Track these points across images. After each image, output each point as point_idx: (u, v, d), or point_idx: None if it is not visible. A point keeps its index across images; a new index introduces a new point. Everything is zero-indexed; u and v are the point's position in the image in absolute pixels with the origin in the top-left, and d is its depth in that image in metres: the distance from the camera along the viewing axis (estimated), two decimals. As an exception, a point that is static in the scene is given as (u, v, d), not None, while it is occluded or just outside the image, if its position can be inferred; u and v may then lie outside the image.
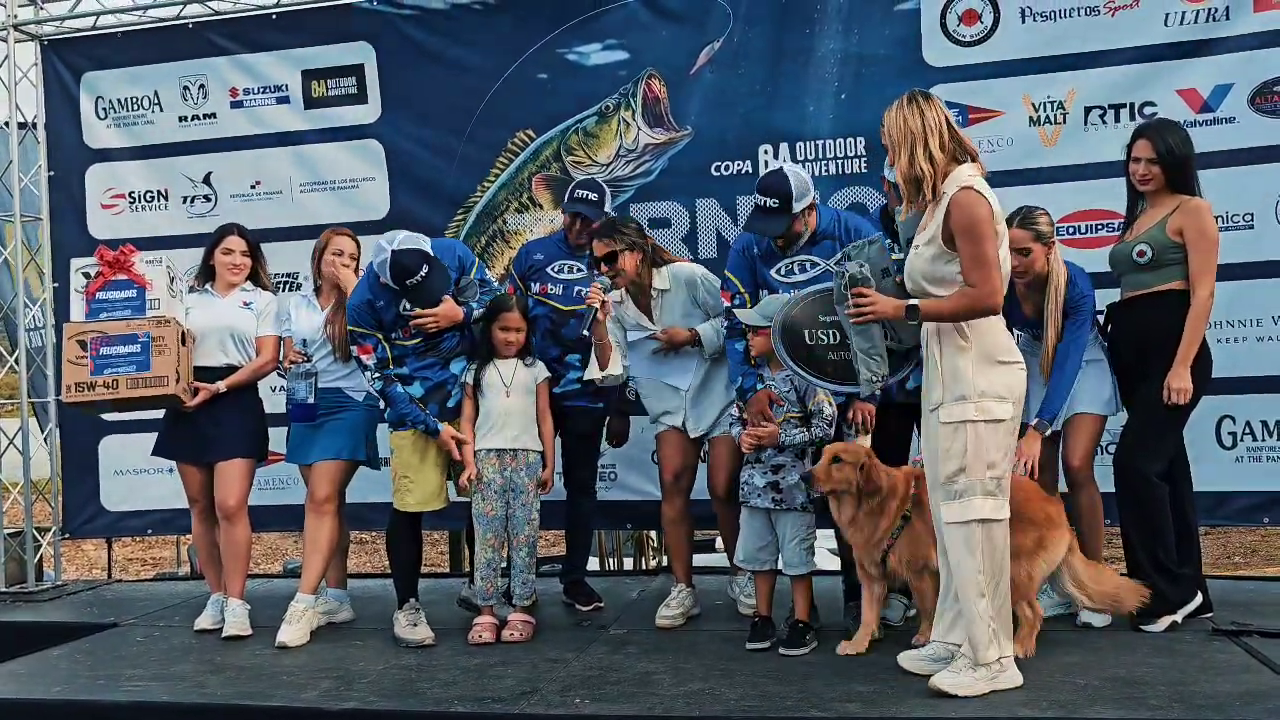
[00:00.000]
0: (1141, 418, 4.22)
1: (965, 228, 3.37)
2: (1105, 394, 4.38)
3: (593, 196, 4.84)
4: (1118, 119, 5.00)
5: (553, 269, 4.89)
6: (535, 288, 4.87)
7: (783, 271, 4.37)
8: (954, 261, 3.43)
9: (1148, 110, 4.95)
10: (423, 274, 4.25)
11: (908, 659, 3.81)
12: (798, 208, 4.20)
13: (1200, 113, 4.92)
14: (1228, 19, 4.90)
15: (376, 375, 4.49)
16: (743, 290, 4.38)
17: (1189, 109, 4.92)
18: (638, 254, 4.56)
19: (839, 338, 3.74)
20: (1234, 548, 12.86)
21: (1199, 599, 4.31)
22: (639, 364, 4.71)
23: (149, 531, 6.51)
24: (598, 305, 4.39)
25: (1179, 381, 4.11)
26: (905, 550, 3.96)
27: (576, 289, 4.82)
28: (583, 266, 4.84)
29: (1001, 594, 3.51)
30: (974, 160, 3.51)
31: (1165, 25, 4.97)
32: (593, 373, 4.56)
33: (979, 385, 3.41)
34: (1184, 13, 4.95)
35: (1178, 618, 4.23)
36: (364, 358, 4.50)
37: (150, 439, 5.10)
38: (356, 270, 4.87)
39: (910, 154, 3.44)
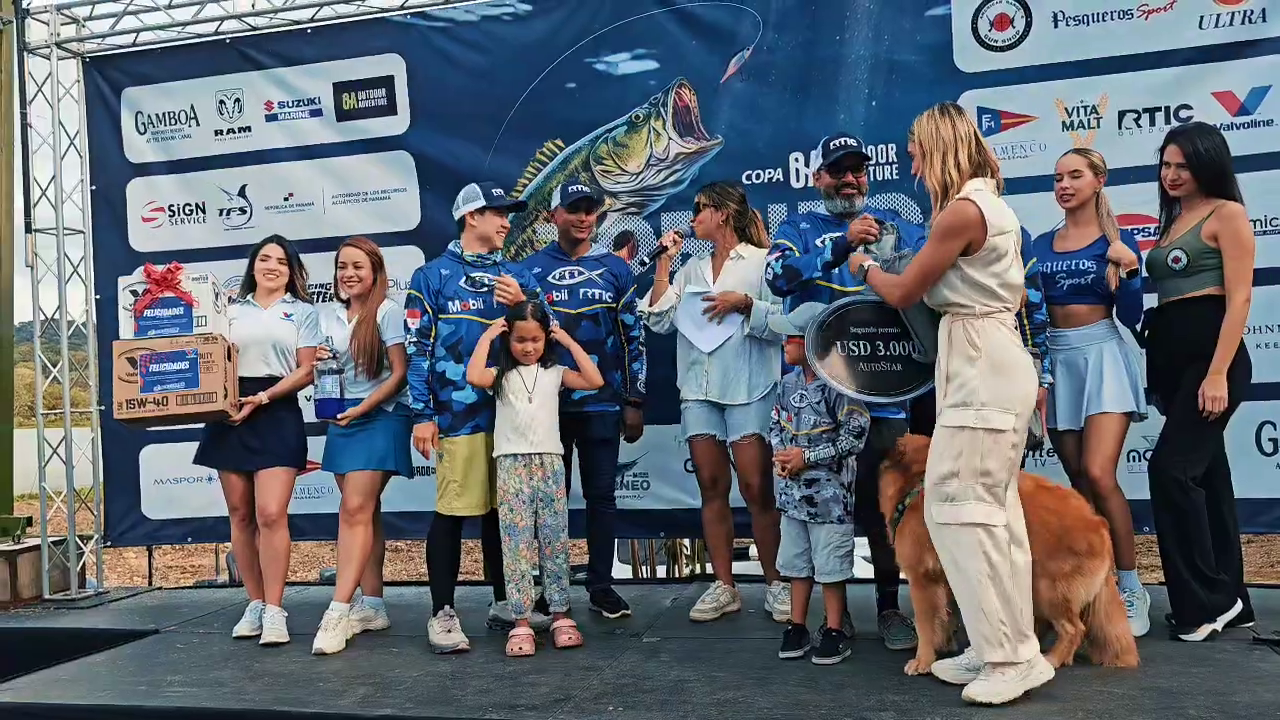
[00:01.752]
0: (1177, 423, 4.17)
1: (933, 229, 3.54)
2: (1127, 391, 4.33)
3: (585, 188, 4.98)
4: (1153, 122, 4.98)
5: (554, 277, 4.96)
6: (600, 294, 4.96)
7: (828, 241, 4.33)
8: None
9: (1183, 114, 4.93)
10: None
11: (942, 668, 3.79)
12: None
13: (1237, 115, 4.88)
14: (1264, 20, 4.86)
15: (414, 340, 4.60)
16: (792, 246, 4.39)
17: (1226, 112, 4.88)
18: (721, 214, 4.80)
19: (869, 349, 3.88)
20: (1276, 556, 12.67)
21: (1239, 606, 4.26)
22: (682, 318, 4.87)
23: (189, 539, 6.60)
24: (669, 244, 4.79)
25: (1214, 390, 4.07)
26: (908, 538, 3.90)
27: (582, 291, 4.92)
28: (583, 269, 4.93)
29: (1012, 597, 3.48)
30: (993, 174, 3.58)
31: (1200, 28, 4.94)
32: (643, 305, 4.91)
33: (983, 395, 3.45)
34: (1218, 15, 4.92)
35: (1217, 626, 4.18)
36: (410, 320, 4.62)
37: (190, 448, 5.17)
38: (375, 276, 4.91)
39: (942, 161, 3.53)
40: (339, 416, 4.76)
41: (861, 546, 4.41)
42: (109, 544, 6.53)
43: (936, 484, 3.54)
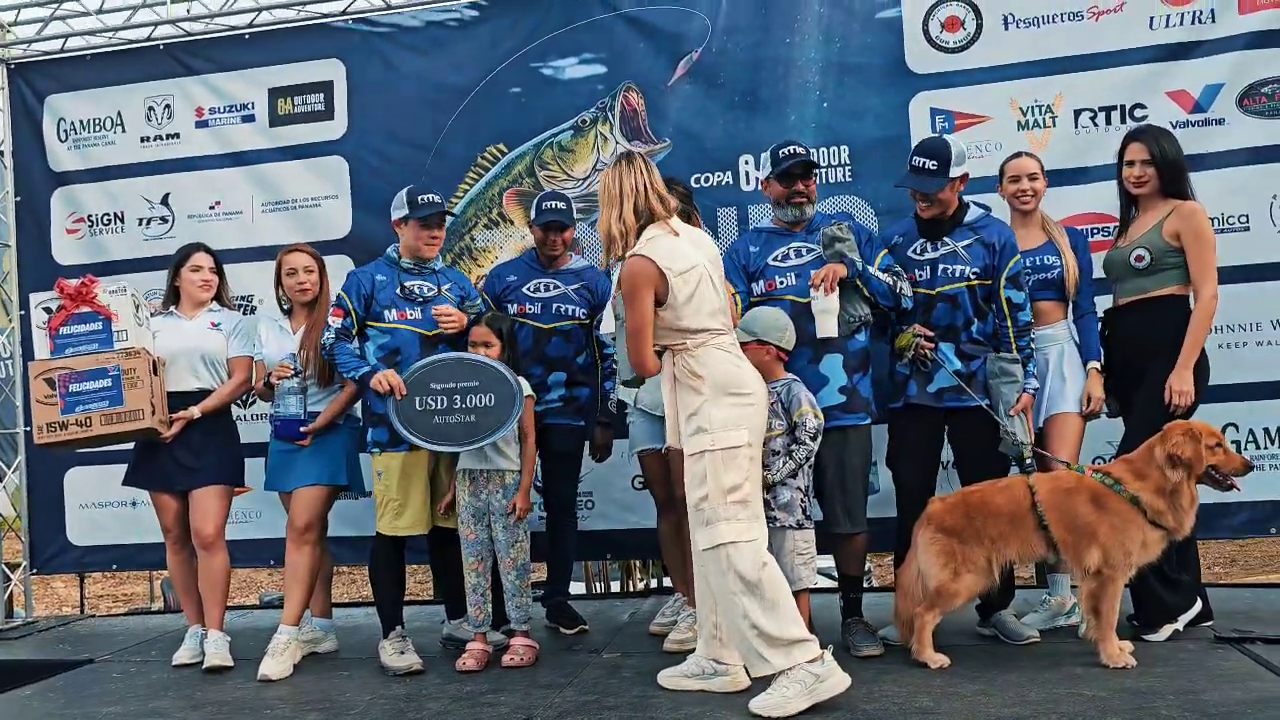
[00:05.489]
0: (1141, 420, 4.15)
1: (625, 294, 3.70)
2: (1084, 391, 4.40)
3: (561, 205, 4.83)
4: (1109, 121, 5.00)
5: (528, 289, 4.83)
6: (513, 309, 4.80)
7: (779, 257, 4.34)
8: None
9: (1139, 113, 4.96)
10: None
11: (666, 677, 3.92)
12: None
13: (1192, 113, 4.92)
14: (1213, 21, 4.91)
15: (331, 336, 4.46)
16: (734, 292, 4.32)
17: (1180, 110, 4.92)
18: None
19: (445, 403, 4.29)
20: (1213, 558, 12.93)
21: (1199, 606, 4.28)
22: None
23: (114, 567, 6.34)
24: None
25: (1181, 384, 4.09)
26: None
27: (555, 305, 4.78)
28: (559, 283, 4.79)
29: (774, 606, 3.53)
30: (665, 219, 3.71)
31: (1150, 29, 4.99)
32: (604, 329, 4.78)
33: (715, 417, 3.61)
34: (1169, 16, 4.96)
35: (1179, 625, 4.20)
36: (332, 319, 4.48)
37: (117, 470, 4.96)
38: (322, 283, 4.77)
39: (609, 214, 3.73)
40: (302, 431, 4.59)
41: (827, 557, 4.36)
42: (35, 571, 6.23)
43: (694, 511, 3.67)
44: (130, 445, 4.81)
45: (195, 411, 4.69)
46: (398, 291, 4.51)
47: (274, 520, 5.45)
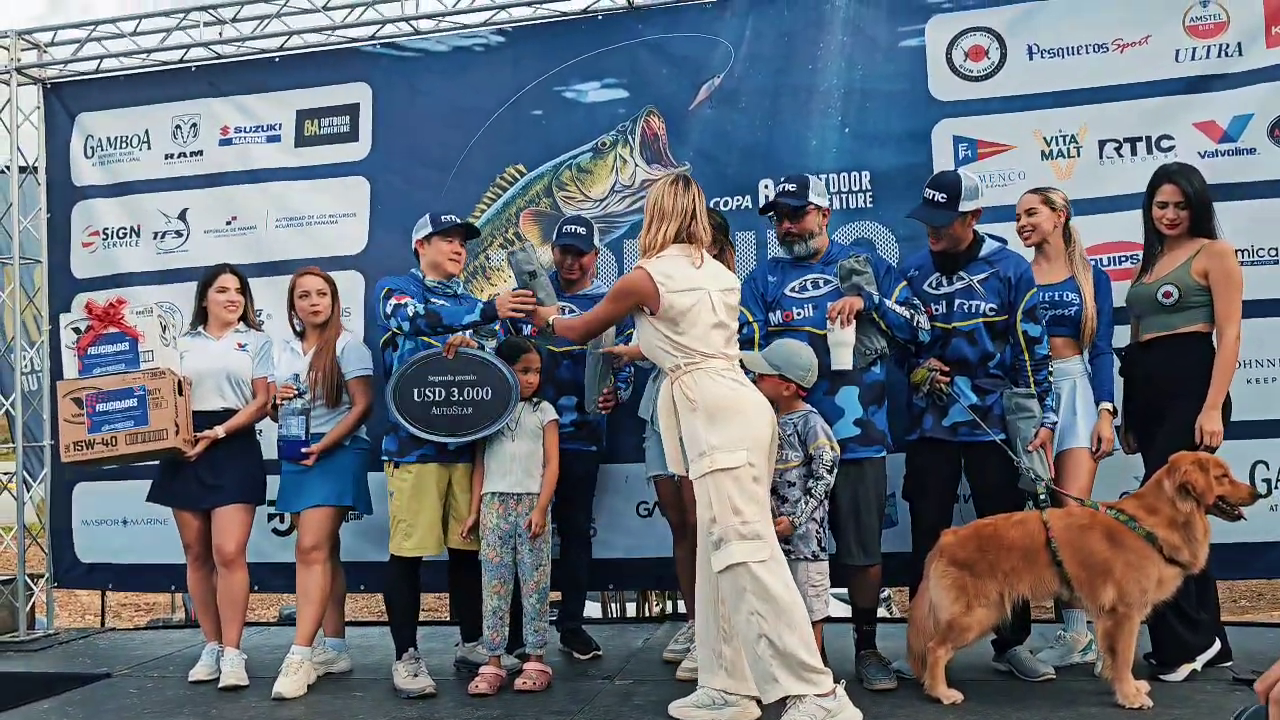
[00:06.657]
0: (1162, 459, 4.07)
1: (610, 293, 3.93)
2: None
3: (581, 230, 4.86)
4: (1134, 152, 4.94)
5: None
6: (526, 330, 4.80)
7: (795, 288, 4.33)
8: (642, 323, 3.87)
9: (1164, 144, 4.90)
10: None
11: (677, 707, 3.87)
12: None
13: (1221, 143, 4.84)
14: (1240, 54, 4.85)
15: (420, 309, 4.38)
16: (752, 320, 4.34)
17: (1209, 140, 4.85)
18: (713, 249, 4.63)
19: (444, 394, 4.39)
20: (1240, 592, 12.67)
21: (1217, 646, 4.21)
22: None
23: (109, 586, 6.36)
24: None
25: (1212, 424, 4.04)
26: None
27: None
28: (574, 306, 4.79)
29: (793, 628, 3.50)
30: (698, 245, 3.82)
31: (1176, 61, 4.92)
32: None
33: (710, 440, 3.63)
34: (1194, 49, 4.91)
35: (1197, 665, 4.14)
36: (398, 303, 4.41)
37: (117, 487, 5.00)
38: (333, 305, 4.79)
39: (655, 228, 3.82)
40: (304, 451, 4.61)
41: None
42: (57, 584, 6.27)
43: (705, 535, 3.68)
44: (139, 464, 4.84)
45: (219, 431, 4.74)
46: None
47: (254, 545, 5.44)
